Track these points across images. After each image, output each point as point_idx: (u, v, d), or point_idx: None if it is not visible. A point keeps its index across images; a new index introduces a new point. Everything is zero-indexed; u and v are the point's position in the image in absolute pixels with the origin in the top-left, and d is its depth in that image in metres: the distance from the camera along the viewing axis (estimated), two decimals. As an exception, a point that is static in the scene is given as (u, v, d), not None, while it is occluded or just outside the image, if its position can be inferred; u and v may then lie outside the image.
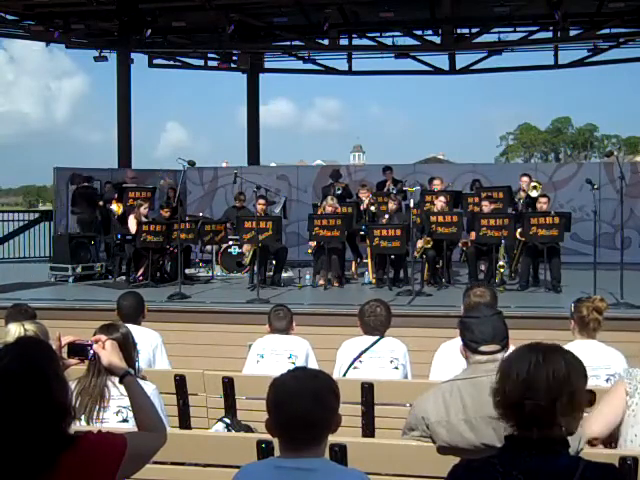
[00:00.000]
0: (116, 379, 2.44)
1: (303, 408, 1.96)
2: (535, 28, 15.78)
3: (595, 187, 8.28)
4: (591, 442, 2.70)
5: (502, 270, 9.16)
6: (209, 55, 18.31)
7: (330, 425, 2.03)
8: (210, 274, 10.91)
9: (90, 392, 3.05)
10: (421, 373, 4.59)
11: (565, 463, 1.78)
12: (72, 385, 2.71)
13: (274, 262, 9.94)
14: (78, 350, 2.35)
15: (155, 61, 18.05)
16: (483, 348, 2.75)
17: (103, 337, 2.41)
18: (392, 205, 9.79)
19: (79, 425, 2.92)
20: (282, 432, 2.02)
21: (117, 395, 3.06)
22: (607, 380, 3.69)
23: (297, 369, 2.19)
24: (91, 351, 2.34)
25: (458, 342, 2.95)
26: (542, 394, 1.77)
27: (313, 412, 1.96)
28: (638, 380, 2.69)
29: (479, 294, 3.99)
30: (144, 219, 9.99)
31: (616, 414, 2.67)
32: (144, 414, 2.21)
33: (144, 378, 3.33)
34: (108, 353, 2.34)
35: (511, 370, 1.83)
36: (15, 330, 3.15)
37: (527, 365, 1.81)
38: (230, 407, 4.07)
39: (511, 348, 2.90)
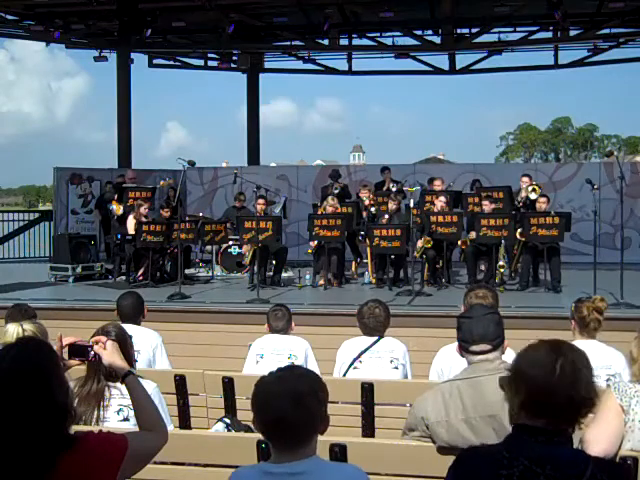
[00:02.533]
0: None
1: (281, 410, 1.90)
2: (535, 28, 15.78)
3: (595, 187, 8.29)
4: None
5: (502, 270, 9.16)
6: (209, 55, 18.31)
7: (313, 427, 1.96)
8: (210, 274, 10.91)
9: (88, 400, 3.04)
10: (421, 373, 4.59)
11: (574, 454, 1.81)
12: (71, 385, 2.71)
13: (274, 262, 9.95)
14: (78, 351, 2.35)
15: (155, 61, 18.06)
16: (473, 348, 2.77)
17: (103, 338, 2.41)
18: (392, 205, 9.78)
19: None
20: (266, 432, 1.98)
21: (118, 394, 3.06)
22: (607, 380, 3.69)
23: (284, 369, 2.08)
24: (91, 352, 2.35)
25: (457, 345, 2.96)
26: (582, 389, 1.81)
27: (292, 414, 1.90)
28: (630, 395, 2.64)
29: (481, 295, 3.98)
30: (144, 219, 9.98)
31: (621, 431, 2.62)
32: (145, 414, 2.20)
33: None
34: (109, 353, 2.34)
35: (547, 365, 1.84)
36: (13, 330, 3.14)
37: (552, 364, 1.83)
38: (230, 407, 4.08)
39: (508, 350, 2.91)
